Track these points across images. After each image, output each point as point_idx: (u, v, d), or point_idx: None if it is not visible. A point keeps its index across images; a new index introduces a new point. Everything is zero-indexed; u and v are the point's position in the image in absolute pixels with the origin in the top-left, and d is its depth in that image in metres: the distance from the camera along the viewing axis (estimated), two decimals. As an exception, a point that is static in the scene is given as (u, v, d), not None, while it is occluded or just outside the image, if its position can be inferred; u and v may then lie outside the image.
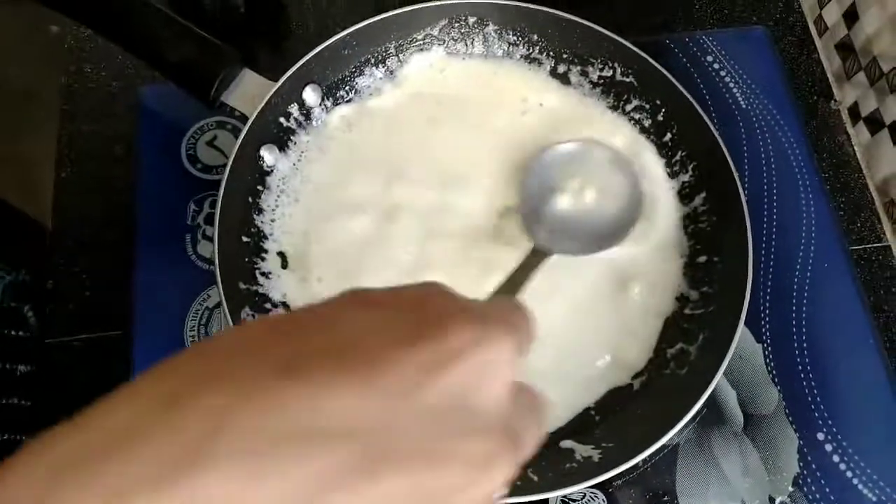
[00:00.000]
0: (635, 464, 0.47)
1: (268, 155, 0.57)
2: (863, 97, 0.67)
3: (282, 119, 0.58)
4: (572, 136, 0.58)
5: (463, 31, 0.62)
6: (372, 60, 0.61)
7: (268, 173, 0.57)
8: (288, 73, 0.56)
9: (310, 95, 0.59)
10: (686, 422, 0.46)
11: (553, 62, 0.63)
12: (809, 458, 0.54)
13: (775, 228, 0.62)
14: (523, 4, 0.60)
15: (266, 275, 0.55)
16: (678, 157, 0.59)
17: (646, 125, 0.60)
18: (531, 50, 0.63)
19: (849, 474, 0.54)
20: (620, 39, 0.59)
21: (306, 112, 0.59)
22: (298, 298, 0.55)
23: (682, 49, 0.69)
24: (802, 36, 0.72)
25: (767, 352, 0.57)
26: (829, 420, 0.55)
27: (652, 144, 0.60)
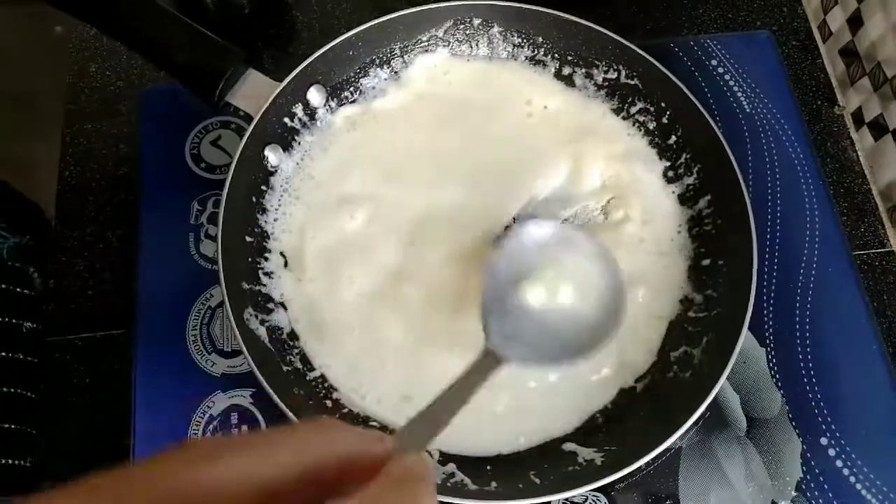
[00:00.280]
0: (638, 467, 0.46)
1: (272, 155, 0.57)
2: (866, 102, 0.67)
3: (286, 119, 0.58)
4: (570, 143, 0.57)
5: (468, 33, 0.62)
6: (377, 61, 0.61)
7: (272, 173, 0.57)
8: (293, 74, 0.56)
9: (314, 96, 0.59)
10: (689, 425, 0.46)
11: (558, 64, 0.63)
12: (813, 463, 0.54)
13: (779, 232, 0.61)
14: (528, 6, 0.60)
15: (269, 274, 0.55)
16: (682, 160, 0.59)
17: (650, 128, 0.60)
18: (536, 52, 0.63)
19: (852, 479, 0.53)
20: (625, 42, 0.59)
21: (311, 112, 0.59)
22: (294, 298, 0.55)
23: (687, 53, 0.69)
24: (806, 41, 0.72)
25: (771, 355, 0.57)
26: (833, 424, 0.55)
27: (652, 149, 0.60)
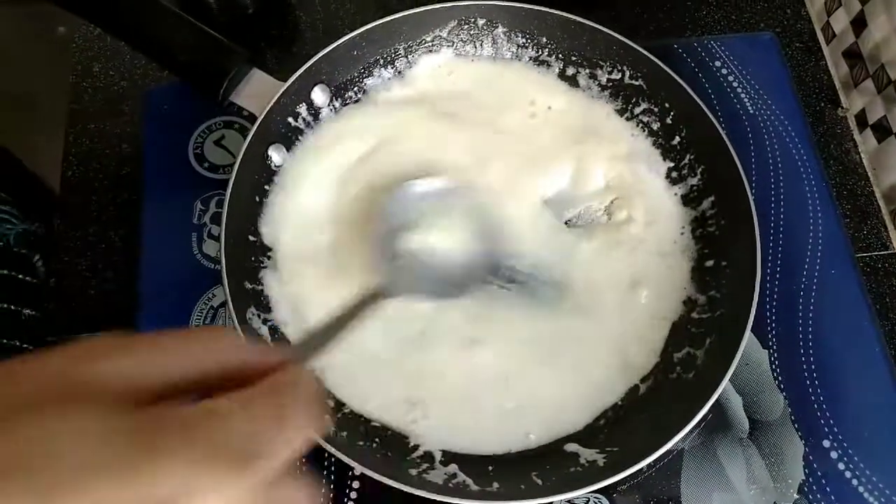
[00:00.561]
0: (640, 469, 0.46)
1: (275, 154, 0.57)
2: (870, 104, 0.67)
3: (290, 119, 0.58)
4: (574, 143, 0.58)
5: (472, 33, 0.62)
6: (381, 61, 0.61)
7: (275, 173, 0.57)
8: (297, 74, 0.56)
9: (318, 95, 0.59)
10: (691, 427, 0.46)
11: (562, 65, 0.63)
12: (815, 465, 0.54)
13: (782, 234, 0.61)
14: (533, 7, 0.60)
15: (272, 274, 0.55)
16: (686, 161, 0.59)
17: (654, 128, 0.60)
18: (540, 52, 0.63)
19: (854, 482, 0.53)
20: (630, 42, 0.59)
21: (315, 112, 0.59)
22: (280, 298, 0.54)
23: (691, 54, 0.69)
24: (810, 43, 0.72)
25: (773, 357, 0.57)
26: (835, 427, 0.55)
27: (656, 150, 0.60)
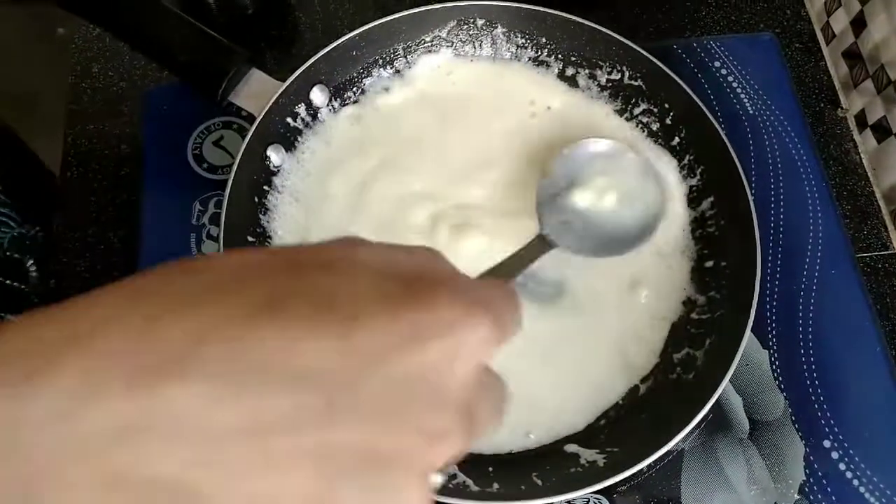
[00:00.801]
0: (640, 469, 0.46)
1: (274, 155, 0.57)
2: (870, 105, 0.67)
3: (289, 119, 0.58)
4: (582, 139, 0.57)
5: (471, 34, 0.62)
6: (380, 62, 0.61)
7: (274, 173, 0.57)
8: (295, 74, 0.56)
9: (317, 96, 0.59)
10: (691, 427, 0.46)
11: (561, 65, 0.62)
12: (816, 466, 0.54)
13: (782, 234, 0.61)
14: (532, 7, 0.60)
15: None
16: (686, 161, 0.58)
17: (654, 129, 0.60)
18: (539, 53, 0.63)
19: (855, 482, 0.53)
20: (629, 43, 0.59)
21: (313, 112, 0.59)
22: None
23: (690, 54, 0.69)
24: (809, 43, 0.72)
25: (773, 358, 0.57)
26: (836, 427, 0.55)
27: (663, 148, 0.60)
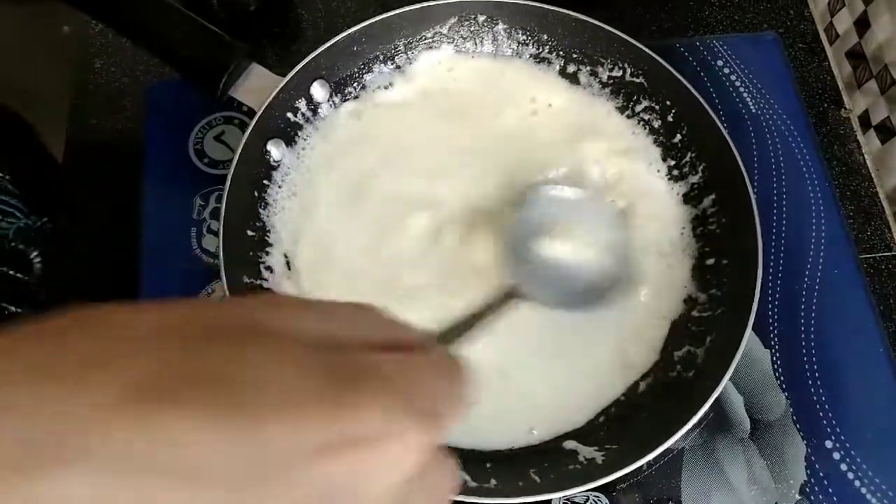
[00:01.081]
0: (639, 467, 0.46)
1: (274, 149, 0.57)
2: (873, 105, 0.67)
3: (289, 114, 0.58)
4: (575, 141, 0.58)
5: (472, 30, 0.62)
6: (381, 57, 0.61)
7: (274, 168, 0.57)
8: (296, 69, 0.56)
9: (318, 91, 0.59)
10: (692, 426, 0.46)
11: (562, 62, 0.62)
12: (817, 466, 0.53)
13: (784, 234, 0.61)
14: (533, 4, 0.60)
15: (270, 269, 0.55)
16: (687, 159, 0.58)
17: (655, 126, 0.60)
18: (541, 49, 0.62)
19: (857, 483, 0.53)
20: (631, 40, 0.58)
21: (314, 107, 0.59)
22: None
23: (693, 53, 0.69)
24: (813, 43, 0.72)
25: (775, 357, 0.56)
26: (838, 427, 0.54)
27: (657, 147, 0.60)
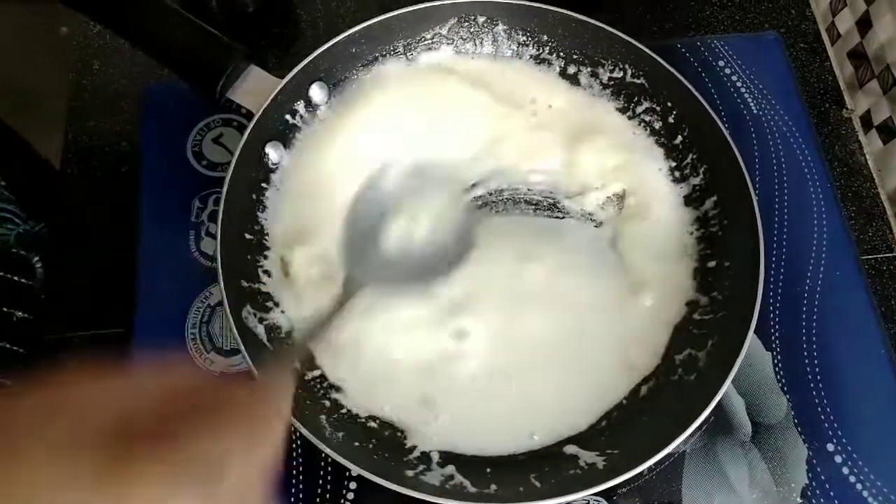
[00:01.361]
0: (640, 472, 0.45)
1: (273, 152, 0.56)
2: (875, 105, 0.67)
3: (288, 116, 0.57)
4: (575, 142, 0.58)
5: (472, 31, 0.62)
6: (379, 59, 0.61)
7: (272, 170, 0.57)
8: (295, 70, 0.56)
9: (316, 93, 0.58)
10: (693, 430, 0.46)
11: (563, 63, 0.62)
12: (819, 470, 0.53)
13: (786, 235, 0.61)
14: (534, 4, 0.60)
15: (268, 273, 0.54)
16: (689, 160, 0.58)
17: (656, 127, 0.60)
18: (541, 50, 0.62)
19: (858, 486, 0.52)
20: (632, 41, 0.58)
21: (312, 110, 0.59)
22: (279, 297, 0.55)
23: (694, 53, 0.68)
24: (814, 43, 0.72)
25: (777, 360, 0.56)
26: (839, 431, 0.54)
27: (658, 149, 0.60)
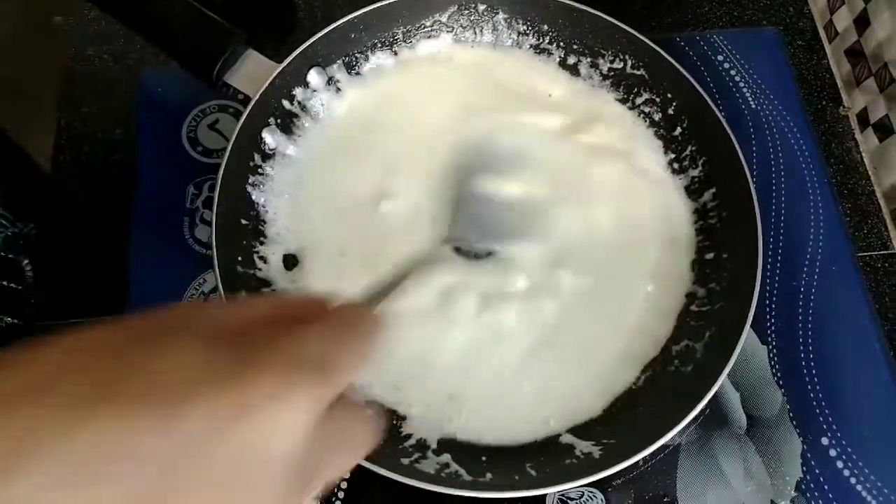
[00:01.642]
0: (635, 463, 0.45)
1: (269, 137, 0.56)
2: (872, 103, 0.67)
3: (285, 101, 0.57)
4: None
5: (472, 19, 0.62)
6: (379, 45, 0.61)
7: (269, 156, 0.56)
8: (293, 55, 0.55)
9: (314, 78, 0.58)
10: (689, 421, 0.45)
11: (563, 53, 0.62)
12: (813, 463, 0.53)
13: (783, 229, 0.61)
14: (534, -7, 0.60)
15: (265, 259, 0.54)
16: (688, 152, 0.58)
17: (655, 119, 0.59)
18: (541, 40, 0.62)
19: (853, 480, 0.52)
20: (632, 31, 0.58)
21: (310, 95, 0.58)
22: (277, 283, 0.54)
23: (693, 47, 0.69)
24: (812, 41, 0.72)
25: (772, 353, 0.56)
26: (834, 424, 0.54)
27: (658, 140, 0.60)
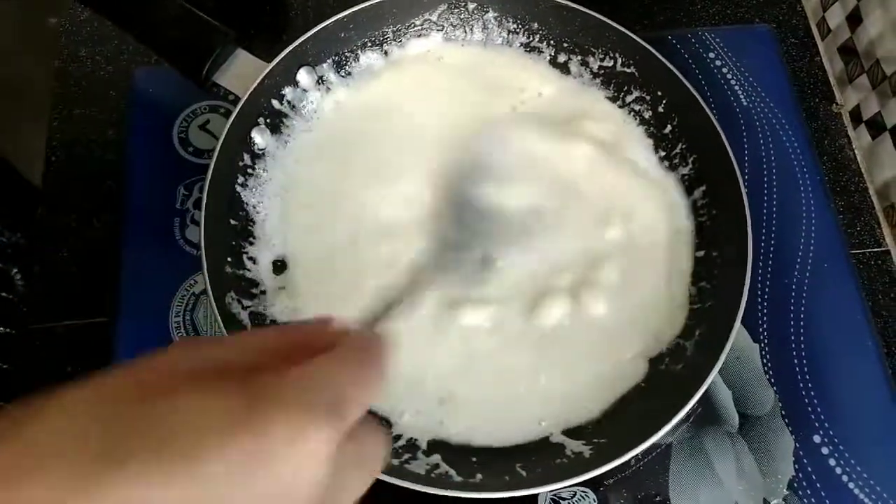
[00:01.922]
0: (627, 462, 0.45)
1: (259, 137, 0.56)
2: (865, 100, 0.67)
3: (274, 101, 0.57)
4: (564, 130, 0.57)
5: (462, 18, 0.61)
6: (368, 44, 0.60)
7: (259, 156, 0.56)
8: (282, 54, 0.55)
9: (304, 78, 0.58)
10: (680, 419, 0.45)
11: (553, 51, 0.62)
12: (805, 461, 0.53)
13: (774, 227, 0.61)
14: (525, -9, 0.59)
15: (254, 260, 0.54)
16: (678, 150, 0.58)
17: (646, 117, 0.59)
18: (531, 38, 0.62)
19: (845, 478, 0.52)
20: (622, 29, 0.58)
21: (300, 95, 0.58)
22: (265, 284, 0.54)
23: (684, 44, 0.68)
24: (805, 38, 0.72)
25: (764, 352, 0.56)
26: (826, 423, 0.54)
27: (648, 138, 0.59)
